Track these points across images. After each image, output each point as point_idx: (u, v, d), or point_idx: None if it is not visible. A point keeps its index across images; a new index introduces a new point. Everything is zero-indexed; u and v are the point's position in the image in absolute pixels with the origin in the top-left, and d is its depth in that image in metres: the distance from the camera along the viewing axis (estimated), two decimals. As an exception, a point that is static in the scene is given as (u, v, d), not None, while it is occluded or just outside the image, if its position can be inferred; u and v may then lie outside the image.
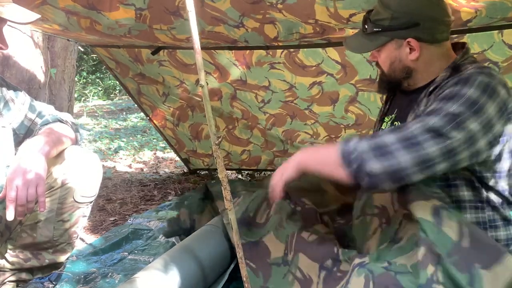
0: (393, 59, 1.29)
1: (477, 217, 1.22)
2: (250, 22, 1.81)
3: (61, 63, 3.06)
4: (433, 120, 1.08)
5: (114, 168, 3.76)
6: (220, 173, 1.08)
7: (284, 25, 1.81)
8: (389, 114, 1.45)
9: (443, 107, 1.10)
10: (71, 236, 1.59)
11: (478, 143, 1.09)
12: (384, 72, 1.36)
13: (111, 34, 2.07)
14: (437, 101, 1.15)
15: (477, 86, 1.10)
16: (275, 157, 3.12)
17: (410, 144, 1.05)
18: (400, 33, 1.24)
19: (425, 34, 1.23)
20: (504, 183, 1.24)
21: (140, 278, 1.34)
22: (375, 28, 1.27)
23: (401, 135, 1.07)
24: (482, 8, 1.53)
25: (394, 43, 1.27)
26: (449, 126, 1.06)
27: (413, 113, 1.29)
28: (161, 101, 2.93)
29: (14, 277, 1.56)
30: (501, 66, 1.96)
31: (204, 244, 1.60)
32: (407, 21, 1.22)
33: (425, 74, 1.29)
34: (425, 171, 1.08)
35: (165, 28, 1.93)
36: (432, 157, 1.06)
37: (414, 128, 1.08)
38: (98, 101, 9.25)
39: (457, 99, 1.09)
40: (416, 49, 1.24)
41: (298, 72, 2.37)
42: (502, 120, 1.13)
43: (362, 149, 1.08)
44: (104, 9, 1.81)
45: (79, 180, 1.51)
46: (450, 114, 1.07)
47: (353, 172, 1.09)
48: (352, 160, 1.09)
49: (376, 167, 1.06)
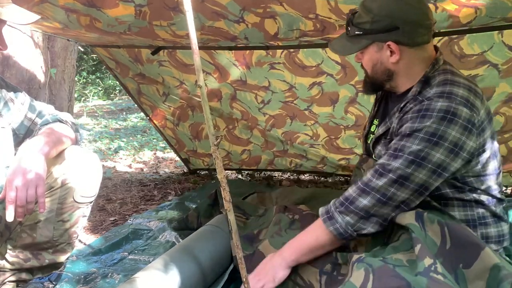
0: (375, 61, 1.32)
1: (465, 215, 1.25)
2: (251, 16, 1.81)
3: (61, 63, 3.07)
4: (395, 164, 1.17)
5: (114, 168, 3.76)
6: (219, 174, 1.08)
7: (285, 20, 1.81)
8: (377, 117, 1.48)
9: (404, 146, 1.17)
10: (71, 236, 1.59)
11: (448, 169, 1.17)
12: (367, 74, 1.39)
13: (111, 32, 2.07)
14: (398, 137, 1.21)
15: (435, 117, 1.15)
16: (275, 157, 3.12)
17: (384, 202, 1.18)
18: (380, 37, 1.27)
19: (405, 37, 1.25)
20: (493, 183, 1.26)
21: (140, 278, 1.34)
22: (357, 31, 1.29)
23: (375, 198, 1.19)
24: (483, 6, 1.53)
25: (376, 46, 1.29)
26: (412, 166, 1.15)
27: (384, 124, 1.35)
28: (161, 101, 2.93)
29: (14, 277, 1.56)
30: (501, 69, 1.96)
31: (204, 244, 1.60)
32: (387, 25, 1.24)
33: (407, 77, 1.32)
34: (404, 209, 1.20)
35: (165, 24, 1.93)
36: (407, 198, 1.18)
37: (380, 185, 1.18)
38: (98, 101, 9.25)
39: (416, 135, 1.16)
40: (396, 52, 1.27)
41: (298, 73, 2.37)
42: (472, 136, 1.16)
43: (351, 222, 1.22)
44: (104, 6, 1.81)
45: (79, 180, 1.51)
46: (412, 153, 1.15)
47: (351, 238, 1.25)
48: (351, 234, 1.23)
49: (373, 229, 1.22)
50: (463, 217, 1.24)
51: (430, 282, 0.98)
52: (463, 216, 1.24)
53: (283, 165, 3.18)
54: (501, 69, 1.96)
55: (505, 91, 2.06)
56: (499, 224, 1.27)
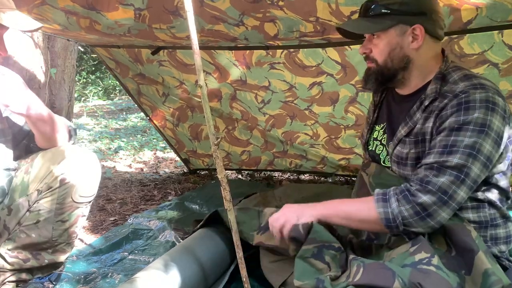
0: (394, 45, 1.26)
1: (478, 216, 1.23)
2: (250, 20, 1.81)
3: (61, 63, 3.06)
4: (454, 160, 1.12)
5: (114, 168, 3.76)
6: (219, 174, 1.08)
7: (285, 23, 1.81)
8: (379, 123, 1.45)
9: (457, 140, 1.13)
10: (70, 236, 1.59)
11: (493, 161, 1.15)
12: (377, 63, 1.31)
13: (111, 34, 2.07)
14: (445, 133, 1.16)
15: (479, 108, 1.13)
16: (275, 157, 3.12)
17: (446, 201, 1.12)
18: (408, 19, 1.23)
19: (430, 25, 1.23)
20: (507, 180, 1.25)
21: (140, 278, 1.34)
22: (384, 10, 1.24)
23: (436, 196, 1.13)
24: (483, 6, 1.53)
25: (398, 29, 1.24)
26: (470, 160, 1.11)
27: (405, 125, 1.29)
28: (161, 101, 2.93)
29: (14, 277, 1.56)
30: (501, 68, 1.96)
31: (204, 245, 1.60)
32: (416, 8, 1.22)
33: (420, 70, 1.28)
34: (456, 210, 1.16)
35: (165, 27, 1.93)
36: (464, 197, 1.14)
37: (442, 182, 1.13)
38: (98, 101, 9.25)
39: (467, 128, 1.13)
40: (420, 38, 1.23)
41: (298, 72, 2.37)
42: (508, 127, 1.15)
43: (405, 215, 1.14)
44: (103, 9, 1.81)
45: (78, 180, 1.51)
46: (468, 146, 1.12)
47: (397, 231, 1.18)
48: (398, 224, 1.16)
49: (422, 229, 1.15)
50: (476, 219, 1.23)
51: (413, 271, 1.02)
52: (476, 218, 1.23)
53: (283, 166, 3.18)
54: (501, 68, 1.96)
55: (505, 88, 2.06)
56: (507, 224, 1.27)
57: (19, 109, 1.37)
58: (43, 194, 1.50)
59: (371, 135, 1.48)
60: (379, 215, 1.17)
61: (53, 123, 1.52)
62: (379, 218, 1.17)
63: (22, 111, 1.38)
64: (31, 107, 1.40)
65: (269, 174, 3.35)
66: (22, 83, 1.41)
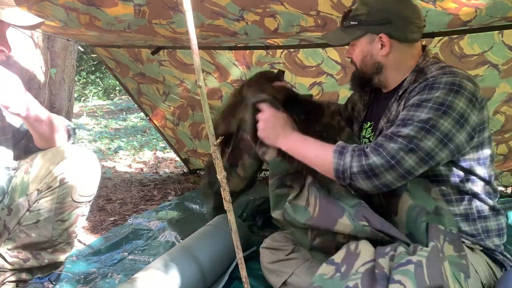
0: (366, 53, 1.37)
1: (464, 209, 1.25)
2: (250, 15, 1.81)
3: (61, 63, 3.06)
4: (405, 130, 1.18)
5: (114, 168, 3.76)
6: (219, 174, 1.08)
7: (285, 18, 1.81)
8: (367, 121, 1.51)
9: (413, 115, 1.19)
10: (70, 236, 1.59)
11: (454, 140, 1.17)
12: (357, 68, 1.42)
13: (111, 30, 2.07)
14: (406, 109, 1.23)
15: (442, 88, 1.18)
16: (275, 157, 3.12)
17: (392, 165, 1.18)
18: (374, 28, 1.32)
19: (397, 31, 1.31)
20: (489, 169, 1.28)
21: (140, 278, 1.34)
22: (352, 22, 1.36)
23: (384, 159, 1.18)
24: (483, 6, 1.53)
25: (368, 38, 1.35)
26: (422, 133, 1.16)
27: (385, 117, 1.37)
28: (162, 100, 2.93)
29: (14, 277, 1.56)
30: (501, 69, 1.96)
31: (204, 245, 1.60)
32: (381, 17, 1.31)
33: (395, 73, 1.37)
34: (407, 179, 1.20)
35: (164, 22, 1.93)
36: (412, 166, 1.17)
37: (391, 147, 1.18)
38: (98, 101, 9.25)
39: (425, 105, 1.18)
40: (387, 45, 1.32)
41: (298, 72, 2.37)
42: (475, 111, 1.19)
43: (353, 171, 1.21)
44: (103, 5, 1.81)
45: (78, 179, 1.51)
46: (422, 121, 1.16)
47: (343, 182, 1.25)
48: (345, 177, 1.23)
49: (366, 186, 1.21)
50: (462, 211, 1.25)
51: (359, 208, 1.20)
52: (462, 211, 1.25)
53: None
54: (501, 69, 1.96)
55: (505, 91, 2.06)
56: (498, 217, 1.28)
57: (18, 110, 1.37)
58: (43, 193, 1.50)
59: (360, 133, 1.53)
60: (332, 164, 1.25)
61: (52, 124, 1.52)
62: (332, 167, 1.25)
63: (21, 113, 1.38)
64: (29, 109, 1.40)
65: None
66: (20, 84, 1.41)
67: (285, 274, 1.44)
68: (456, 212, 1.24)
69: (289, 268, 1.45)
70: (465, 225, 1.24)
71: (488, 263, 1.23)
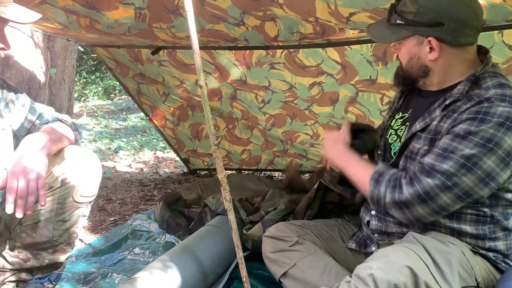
0: (412, 55, 1.25)
1: (476, 229, 1.21)
2: (251, 19, 1.81)
3: (61, 63, 3.06)
4: (445, 166, 1.11)
5: (114, 168, 3.76)
6: (219, 174, 1.08)
7: (285, 23, 1.81)
8: (401, 112, 1.41)
9: (456, 148, 1.11)
10: (70, 236, 1.59)
11: (496, 179, 1.11)
12: (402, 67, 1.32)
13: (111, 33, 2.07)
14: (450, 137, 1.14)
15: (494, 123, 1.09)
16: (275, 157, 3.12)
17: (425, 200, 1.14)
18: (423, 30, 1.19)
19: (448, 35, 1.17)
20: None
21: (140, 278, 1.34)
22: (399, 20, 1.22)
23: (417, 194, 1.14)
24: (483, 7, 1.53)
25: (415, 39, 1.22)
26: (462, 171, 1.10)
27: (422, 121, 1.27)
28: (161, 101, 2.93)
29: (14, 277, 1.56)
30: (501, 68, 1.96)
31: (204, 245, 1.60)
32: (432, 19, 1.17)
33: (443, 77, 1.26)
34: (442, 214, 1.17)
35: (165, 26, 1.93)
36: (448, 204, 1.13)
37: (427, 182, 1.13)
38: (98, 101, 9.24)
39: (471, 139, 1.10)
40: (436, 50, 1.20)
41: (298, 72, 2.37)
42: None
43: (387, 201, 1.20)
44: (104, 9, 1.81)
45: (79, 180, 1.51)
46: (464, 157, 1.10)
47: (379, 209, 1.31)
48: (380, 205, 1.23)
49: (399, 217, 1.21)
50: (474, 231, 1.21)
51: None
52: (474, 230, 1.21)
53: (283, 165, 3.18)
54: (501, 68, 1.96)
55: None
56: (508, 237, 1.24)
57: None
58: (43, 194, 1.50)
59: (390, 124, 1.44)
60: (369, 192, 1.25)
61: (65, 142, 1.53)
62: (369, 194, 1.26)
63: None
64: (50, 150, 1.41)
65: (269, 174, 3.35)
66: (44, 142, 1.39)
67: (286, 265, 1.42)
68: (467, 231, 1.20)
69: (291, 260, 1.42)
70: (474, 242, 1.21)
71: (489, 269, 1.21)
